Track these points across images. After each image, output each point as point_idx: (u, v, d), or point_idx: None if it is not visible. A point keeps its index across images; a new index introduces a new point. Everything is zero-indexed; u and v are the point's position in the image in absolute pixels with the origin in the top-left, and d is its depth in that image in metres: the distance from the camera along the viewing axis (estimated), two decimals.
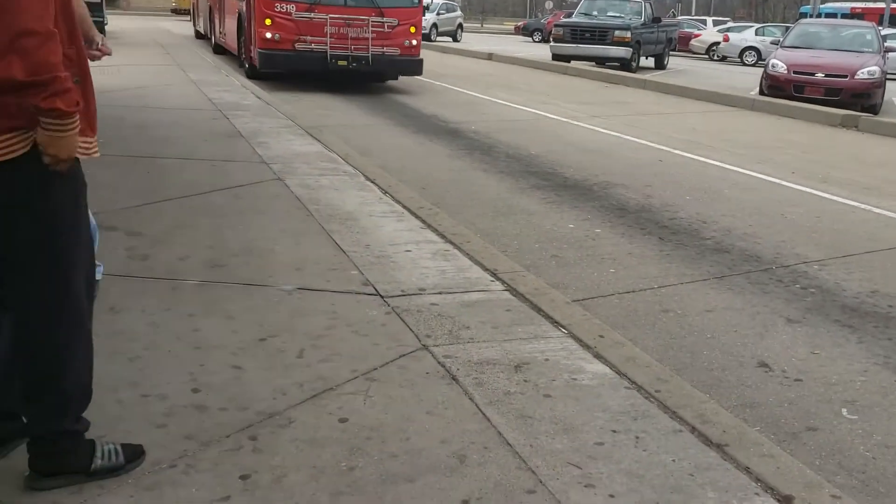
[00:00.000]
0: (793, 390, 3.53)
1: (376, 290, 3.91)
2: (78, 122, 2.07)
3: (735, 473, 2.53)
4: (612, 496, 2.37)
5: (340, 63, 12.08)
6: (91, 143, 2.24)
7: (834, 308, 4.54)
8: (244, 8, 13.03)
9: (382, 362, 3.14)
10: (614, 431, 2.72)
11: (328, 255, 4.39)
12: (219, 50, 17.34)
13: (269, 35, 11.84)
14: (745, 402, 3.39)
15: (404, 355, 3.21)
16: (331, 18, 11.91)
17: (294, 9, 11.91)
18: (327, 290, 3.87)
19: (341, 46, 12.08)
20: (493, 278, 4.18)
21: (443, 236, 4.86)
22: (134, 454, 2.38)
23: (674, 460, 2.57)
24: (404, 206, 5.48)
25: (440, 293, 3.92)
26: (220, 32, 16.75)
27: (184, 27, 26.19)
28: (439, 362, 3.16)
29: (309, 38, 11.94)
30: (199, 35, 21.87)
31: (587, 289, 4.60)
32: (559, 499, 2.34)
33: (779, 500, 2.40)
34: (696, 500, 2.37)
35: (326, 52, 12.02)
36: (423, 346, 3.31)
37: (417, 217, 5.23)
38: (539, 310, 3.77)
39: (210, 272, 4.03)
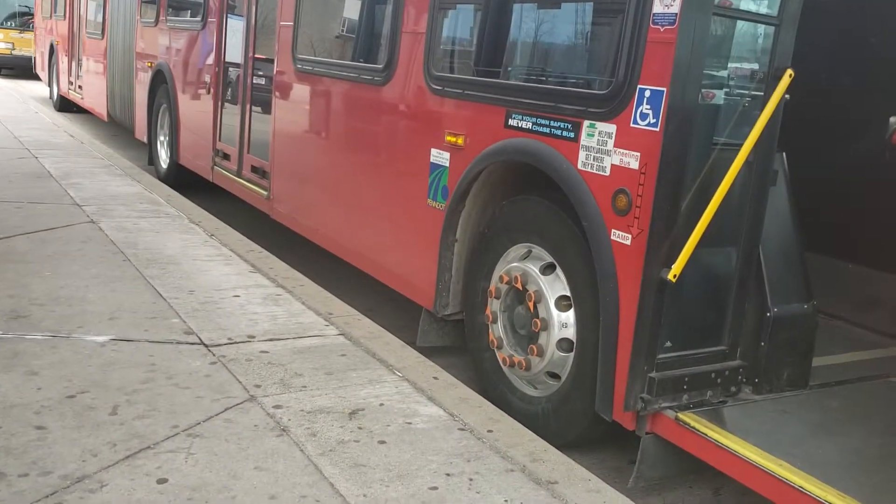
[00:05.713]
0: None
1: (200, 338, 3.70)
2: None
3: None
4: None
5: None
6: None
7: None
8: None
9: (206, 416, 2.95)
10: (448, 475, 2.70)
11: (146, 302, 4.12)
12: None
13: None
14: None
15: (230, 408, 3.04)
16: None
17: None
18: (145, 341, 3.62)
19: None
20: (327, 323, 4.08)
21: (274, 280, 4.70)
22: None
23: (506, 500, 2.58)
24: (232, 250, 5.27)
25: (271, 340, 3.77)
26: None
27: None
28: (268, 413, 3.01)
29: None
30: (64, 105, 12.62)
31: None
32: None
33: None
34: None
35: None
36: (252, 396, 3.15)
37: (246, 261, 5.05)
38: (374, 354, 3.72)
39: (10, 324, 3.66)
